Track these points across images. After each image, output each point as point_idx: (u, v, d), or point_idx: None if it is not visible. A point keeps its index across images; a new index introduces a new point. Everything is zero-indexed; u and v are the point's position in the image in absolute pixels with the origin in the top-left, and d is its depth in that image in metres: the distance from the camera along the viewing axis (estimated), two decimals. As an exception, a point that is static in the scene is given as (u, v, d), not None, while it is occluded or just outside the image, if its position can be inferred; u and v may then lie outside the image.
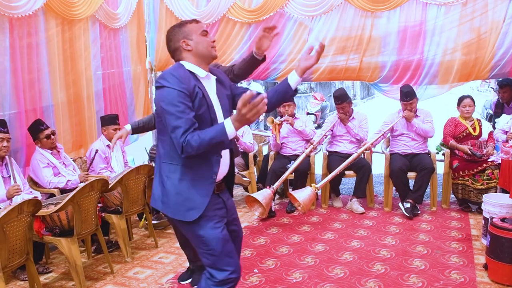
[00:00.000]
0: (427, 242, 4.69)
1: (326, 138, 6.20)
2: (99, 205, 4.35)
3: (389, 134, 5.97)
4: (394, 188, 5.81)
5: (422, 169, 5.56)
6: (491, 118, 6.77)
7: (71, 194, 3.82)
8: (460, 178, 5.59)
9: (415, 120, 5.67)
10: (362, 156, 5.95)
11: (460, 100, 5.80)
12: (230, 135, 2.35)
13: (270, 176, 5.82)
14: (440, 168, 5.85)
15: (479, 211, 5.15)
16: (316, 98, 15.12)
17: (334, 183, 6.02)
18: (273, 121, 5.84)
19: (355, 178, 5.92)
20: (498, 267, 3.80)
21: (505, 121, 5.61)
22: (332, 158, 5.90)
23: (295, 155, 6.02)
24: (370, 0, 6.02)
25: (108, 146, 5.30)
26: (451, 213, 5.62)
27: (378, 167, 6.29)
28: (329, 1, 6.15)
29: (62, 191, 4.63)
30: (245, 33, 6.61)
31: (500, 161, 5.20)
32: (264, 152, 6.86)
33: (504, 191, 5.02)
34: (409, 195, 5.59)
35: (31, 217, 3.55)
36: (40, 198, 4.40)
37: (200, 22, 2.80)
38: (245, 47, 6.64)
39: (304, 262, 4.29)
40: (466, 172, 5.53)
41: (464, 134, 5.68)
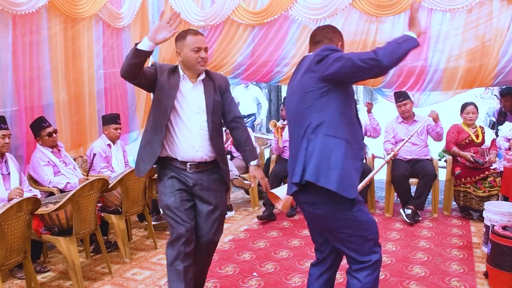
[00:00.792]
0: (427, 249, 4.66)
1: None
2: (98, 204, 4.33)
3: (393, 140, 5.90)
4: (395, 194, 5.78)
5: (424, 175, 5.54)
6: (494, 126, 6.75)
7: (71, 193, 3.80)
8: (462, 185, 5.57)
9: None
10: (364, 162, 5.93)
11: (463, 107, 5.79)
12: None
13: (272, 179, 5.79)
14: (442, 174, 5.83)
15: (481, 218, 5.12)
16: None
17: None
18: (275, 124, 5.83)
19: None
20: (499, 275, 3.77)
21: (508, 128, 5.60)
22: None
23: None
24: (375, 5, 6.00)
25: (109, 145, 5.29)
26: (452, 220, 5.59)
27: (380, 172, 6.25)
28: (334, 5, 6.13)
29: (61, 190, 4.61)
30: (249, 35, 6.59)
31: (502, 169, 5.18)
32: (266, 155, 6.85)
33: (506, 199, 5.00)
34: (410, 201, 5.56)
35: (30, 215, 3.53)
36: (39, 196, 4.38)
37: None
38: (249, 50, 6.63)
39: (303, 267, 4.26)
40: (468, 179, 5.51)
41: (467, 141, 5.65)
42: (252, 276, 4.11)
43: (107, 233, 4.93)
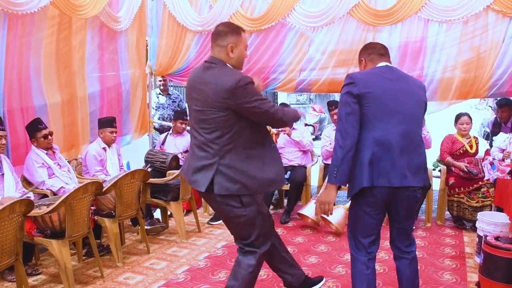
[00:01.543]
0: (420, 258, 4.64)
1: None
2: (92, 208, 4.32)
3: None
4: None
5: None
6: (488, 136, 6.77)
7: (65, 195, 3.79)
8: (456, 195, 5.59)
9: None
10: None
11: (458, 117, 5.82)
12: None
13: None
14: (436, 184, 5.84)
15: (474, 228, 5.13)
16: (315, 110, 15.15)
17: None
18: (270, 131, 5.83)
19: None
20: (491, 285, 3.76)
21: (502, 139, 5.62)
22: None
23: (292, 166, 6.02)
24: (372, 14, 6.03)
25: (104, 148, 5.29)
26: (446, 229, 5.60)
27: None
28: (331, 14, 6.16)
29: (55, 193, 4.59)
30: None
31: (495, 179, 5.20)
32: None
33: (499, 210, 5.01)
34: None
35: (23, 217, 3.52)
36: (32, 198, 4.37)
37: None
38: (246, 55, 6.63)
39: (296, 274, 4.26)
40: (462, 189, 5.53)
41: (461, 151, 5.68)
42: (245, 283, 4.10)
43: (100, 237, 4.92)
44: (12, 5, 4.60)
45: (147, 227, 5.28)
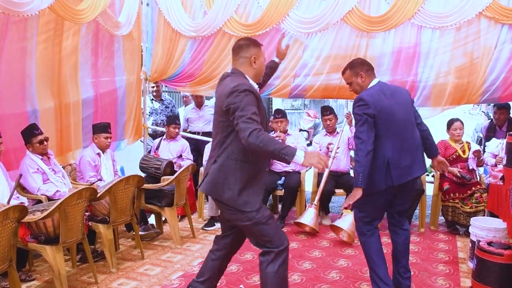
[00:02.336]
0: (414, 264, 4.68)
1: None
2: (86, 213, 4.31)
3: None
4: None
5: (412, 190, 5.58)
6: (482, 142, 6.80)
7: (59, 201, 3.79)
8: (451, 201, 5.61)
9: None
10: (352, 175, 5.96)
11: (450, 123, 5.85)
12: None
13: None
14: (430, 189, 5.87)
15: (467, 233, 5.16)
16: (309, 115, 15.16)
17: (324, 201, 6.01)
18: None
19: (345, 196, 5.93)
20: (484, 291, 3.80)
21: (494, 144, 5.65)
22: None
23: (286, 172, 6.04)
24: (366, 20, 6.06)
25: (98, 154, 5.29)
26: (439, 235, 5.63)
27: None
28: (325, 20, 6.18)
29: (49, 198, 4.59)
30: (240, 48, 6.61)
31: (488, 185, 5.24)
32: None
33: (492, 215, 5.05)
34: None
35: (17, 223, 3.51)
36: (27, 204, 4.37)
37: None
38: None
39: (290, 280, 4.25)
40: (456, 195, 5.55)
41: (454, 156, 5.71)
42: (239, 288, 4.11)
43: (94, 242, 4.91)
44: (13, 6, 4.52)
45: (142, 233, 5.28)
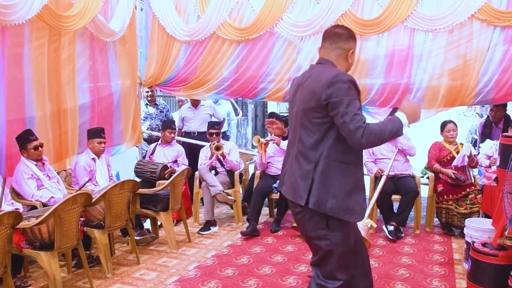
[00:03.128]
0: (409, 265, 4.70)
1: None
2: (81, 219, 4.30)
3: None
4: (378, 210, 5.82)
5: (406, 192, 5.60)
6: (476, 143, 6.82)
7: (54, 207, 3.77)
8: (445, 202, 5.63)
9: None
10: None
11: (444, 125, 5.87)
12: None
13: (255, 195, 5.83)
14: (424, 191, 5.88)
15: (462, 235, 5.18)
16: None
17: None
18: (259, 140, 5.84)
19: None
20: (479, 291, 3.81)
21: (488, 146, 5.67)
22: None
23: (281, 175, 6.03)
24: (360, 23, 6.09)
25: (93, 159, 5.28)
26: (434, 236, 5.64)
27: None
28: (318, 23, 6.20)
29: (44, 204, 4.58)
30: (234, 51, 6.63)
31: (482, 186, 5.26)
32: (251, 171, 6.86)
33: (487, 216, 5.07)
34: (393, 218, 5.61)
35: (11, 229, 3.50)
36: (21, 210, 4.35)
37: None
38: (233, 65, 6.67)
39: (286, 283, 4.27)
40: (450, 196, 5.57)
41: (448, 157, 5.74)
42: (235, 292, 4.11)
43: (89, 248, 4.90)
44: (1, 15, 4.55)
45: (137, 238, 5.27)
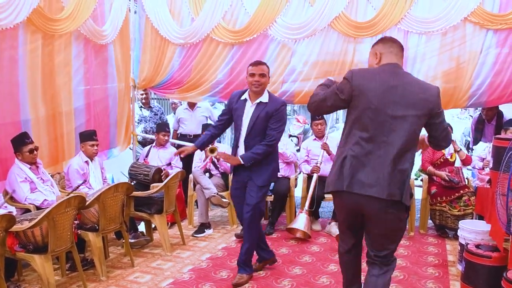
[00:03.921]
0: (403, 267, 4.70)
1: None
2: (75, 222, 4.29)
3: None
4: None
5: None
6: (469, 145, 6.84)
7: (47, 210, 3.76)
8: (438, 204, 5.64)
9: None
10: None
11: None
12: None
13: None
14: (418, 193, 5.90)
15: (456, 237, 5.19)
16: (298, 121, 15.17)
17: (314, 206, 6.02)
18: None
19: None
20: (473, 293, 3.82)
21: (482, 148, 5.70)
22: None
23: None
24: (353, 26, 6.11)
25: (86, 162, 5.26)
26: (428, 238, 5.66)
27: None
28: (312, 26, 6.22)
29: (38, 207, 4.56)
30: (228, 54, 6.63)
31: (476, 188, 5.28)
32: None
33: (480, 218, 5.09)
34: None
35: (4, 232, 3.49)
36: (15, 213, 4.33)
37: (255, 66, 4.12)
38: (227, 68, 6.66)
39: (280, 285, 4.27)
40: (444, 198, 5.59)
41: (442, 160, 5.76)
42: (229, 295, 4.10)
43: (83, 251, 4.87)
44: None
45: (131, 241, 5.25)
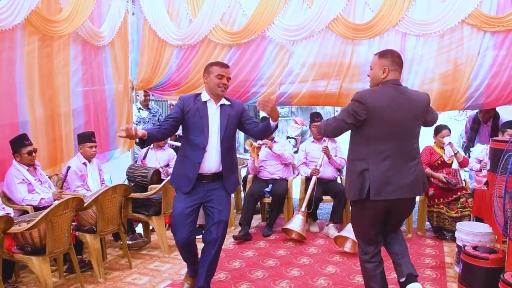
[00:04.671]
0: (401, 269, 4.70)
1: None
2: (73, 223, 4.29)
3: None
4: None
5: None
6: (467, 148, 6.85)
7: (45, 211, 3.76)
8: (435, 206, 5.65)
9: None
10: (340, 182, 6.00)
11: (438, 130, 5.88)
12: None
13: (247, 199, 5.82)
14: (416, 195, 5.90)
15: (453, 238, 5.19)
16: (296, 122, 15.17)
17: (312, 208, 6.03)
18: (251, 144, 5.86)
19: (332, 203, 5.96)
20: (470, 295, 3.83)
21: (479, 150, 5.71)
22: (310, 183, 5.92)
23: (273, 179, 6.04)
24: (351, 28, 6.13)
25: (84, 163, 5.26)
26: (426, 240, 5.66)
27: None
28: (310, 27, 6.24)
29: (35, 208, 4.56)
30: (225, 55, 6.63)
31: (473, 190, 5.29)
32: (243, 175, 6.86)
33: (478, 219, 5.10)
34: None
35: (2, 234, 3.49)
36: (12, 214, 4.33)
37: (224, 69, 3.92)
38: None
39: (278, 287, 4.27)
40: (441, 200, 5.59)
41: (439, 162, 5.77)
42: (227, 296, 4.10)
43: (81, 252, 4.87)
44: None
45: (129, 242, 5.25)
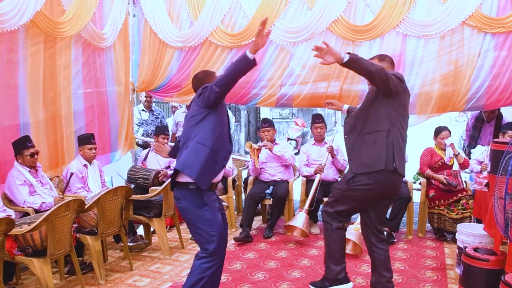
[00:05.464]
0: (402, 271, 4.71)
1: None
2: (74, 225, 4.29)
3: None
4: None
5: (399, 197, 5.60)
6: (469, 147, 6.84)
7: (46, 213, 3.76)
8: (436, 208, 5.65)
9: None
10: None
11: (438, 131, 5.88)
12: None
13: (248, 201, 5.82)
14: (417, 197, 5.91)
15: (454, 240, 5.20)
16: (297, 124, 15.23)
17: (312, 209, 6.03)
18: (251, 146, 5.86)
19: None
20: (471, 296, 3.83)
21: (480, 151, 5.71)
22: (311, 185, 5.92)
23: (274, 181, 6.04)
24: (351, 29, 6.13)
25: (85, 165, 5.27)
26: (427, 241, 5.66)
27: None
28: (311, 29, 6.24)
29: (36, 210, 4.56)
30: (226, 57, 6.64)
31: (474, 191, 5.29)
32: (244, 177, 6.86)
33: (478, 221, 5.10)
34: (385, 223, 5.61)
35: (3, 236, 3.49)
36: (13, 216, 4.33)
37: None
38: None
39: (279, 288, 4.28)
40: (442, 201, 5.60)
41: (440, 163, 5.77)
42: (228, 298, 4.10)
43: (82, 254, 4.88)
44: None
45: (130, 244, 5.25)
